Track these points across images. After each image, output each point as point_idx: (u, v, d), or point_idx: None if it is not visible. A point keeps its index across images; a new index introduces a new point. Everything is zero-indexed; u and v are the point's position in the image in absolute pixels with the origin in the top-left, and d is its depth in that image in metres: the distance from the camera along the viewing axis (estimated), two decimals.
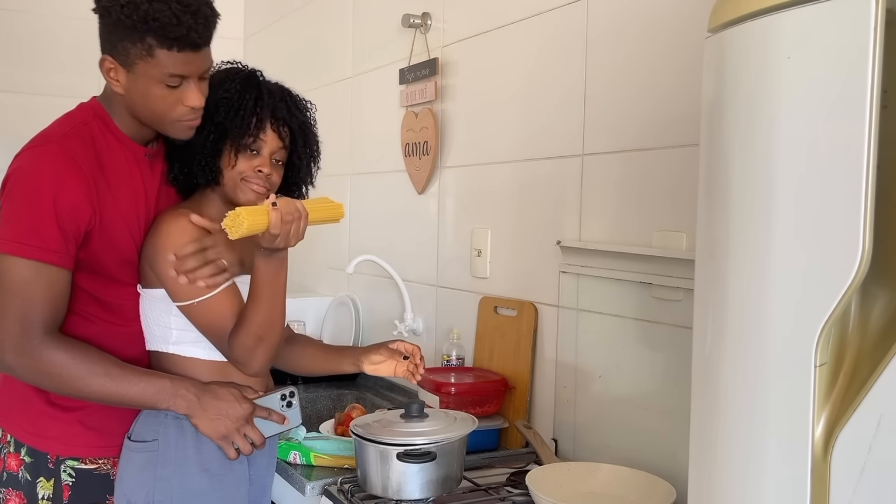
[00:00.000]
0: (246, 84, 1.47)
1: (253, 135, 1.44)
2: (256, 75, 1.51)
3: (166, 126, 1.43)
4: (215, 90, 1.44)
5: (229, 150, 1.44)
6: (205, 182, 1.48)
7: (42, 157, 1.36)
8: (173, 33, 1.31)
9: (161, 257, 1.40)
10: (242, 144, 1.44)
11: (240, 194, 1.47)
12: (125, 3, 1.31)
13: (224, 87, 1.45)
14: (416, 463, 1.45)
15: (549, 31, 1.90)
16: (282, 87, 1.53)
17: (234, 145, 1.44)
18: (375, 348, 1.63)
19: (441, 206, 2.32)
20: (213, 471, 1.45)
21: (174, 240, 1.40)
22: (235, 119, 1.43)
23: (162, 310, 1.45)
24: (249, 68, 1.52)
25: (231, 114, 1.43)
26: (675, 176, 1.57)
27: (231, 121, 1.43)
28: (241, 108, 1.44)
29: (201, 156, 1.45)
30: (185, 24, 1.31)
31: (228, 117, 1.43)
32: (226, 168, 1.45)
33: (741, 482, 0.86)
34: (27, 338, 1.33)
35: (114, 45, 1.35)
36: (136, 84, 1.37)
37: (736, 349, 0.87)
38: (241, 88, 1.45)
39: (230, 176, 1.45)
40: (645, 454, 1.60)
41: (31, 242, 1.32)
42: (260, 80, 1.50)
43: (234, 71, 1.50)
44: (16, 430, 1.47)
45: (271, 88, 1.50)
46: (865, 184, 0.74)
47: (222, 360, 1.46)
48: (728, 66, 0.88)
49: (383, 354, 1.61)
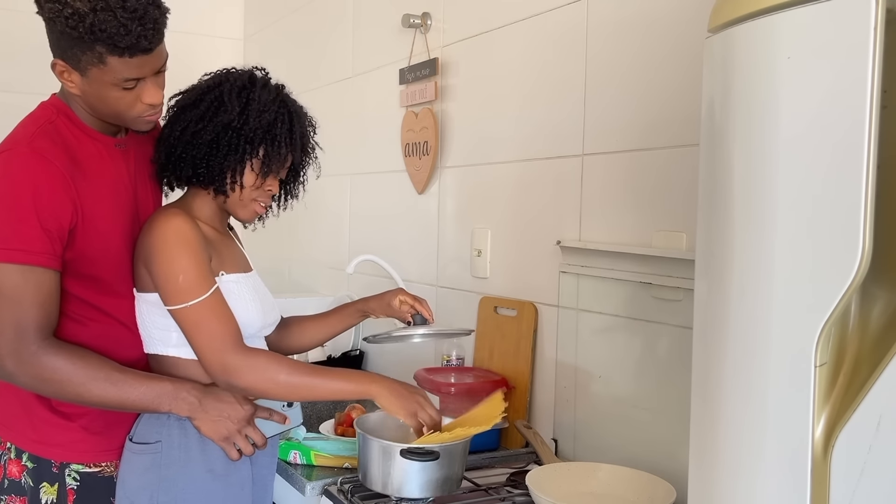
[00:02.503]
0: (280, 110, 1.47)
1: (283, 166, 1.49)
2: (286, 101, 1.50)
3: (127, 122, 1.43)
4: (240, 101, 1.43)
5: (257, 174, 1.46)
6: (216, 192, 1.47)
7: (14, 161, 1.33)
8: (122, 43, 1.27)
9: (158, 258, 1.39)
10: (271, 172, 1.47)
11: (242, 211, 1.50)
12: (69, 14, 1.26)
13: (260, 110, 1.44)
14: (419, 461, 1.45)
15: (549, 31, 1.90)
16: (303, 111, 1.54)
17: (265, 171, 1.47)
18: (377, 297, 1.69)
19: (441, 206, 2.32)
20: (218, 471, 1.45)
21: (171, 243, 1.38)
22: (273, 150, 1.45)
23: (160, 313, 1.43)
24: (273, 81, 1.51)
25: (270, 146, 1.45)
26: (675, 176, 1.57)
27: (273, 153, 1.45)
28: (279, 139, 1.45)
29: (223, 167, 1.44)
30: (134, 32, 1.27)
31: (268, 150, 1.45)
32: (247, 187, 1.47)
33: (741, 482, 0.86)
34: (24, 344, 1.32)
35: (64, 51, 1.32)
36: (90, 87, 1.35)
37: (736, 349, 0.87)
38: (275, 117, 1.45)
39: (246, 194, 1.48)
40: (645, 454, 1.60)
41: (13, 246, 1.30)
42: (290, 106, 1.50)
43: (262, 84, 1.48)
44: (18, 438, 1.46)
45: (300, 115, 1.52)
46: (865, 184, 0.74)
47: None
48: (728, 66, 0.88)
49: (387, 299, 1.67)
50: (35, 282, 1.32)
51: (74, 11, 1.25)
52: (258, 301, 1.51)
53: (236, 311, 1.44)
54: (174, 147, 1.46)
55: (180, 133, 1.45)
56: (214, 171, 1.44)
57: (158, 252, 1.39)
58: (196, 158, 1.44)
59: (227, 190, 1.46)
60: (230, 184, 1.45)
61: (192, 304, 1.38)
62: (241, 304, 1.46)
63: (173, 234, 1.39)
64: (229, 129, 1.42)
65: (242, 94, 1.44)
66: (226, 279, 1.46)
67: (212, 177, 1.45)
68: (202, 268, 1.39)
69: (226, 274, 1.47)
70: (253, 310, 1.49)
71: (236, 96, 1.43)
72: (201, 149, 1.43)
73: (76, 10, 1.25)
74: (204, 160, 1.44)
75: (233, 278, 1.48)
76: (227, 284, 1.45)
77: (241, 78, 1.47)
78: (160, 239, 1.39)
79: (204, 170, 1.45)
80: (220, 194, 1.47)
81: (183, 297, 1.38)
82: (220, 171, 1.44)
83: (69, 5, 1.25)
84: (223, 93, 1.44)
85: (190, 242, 1.39)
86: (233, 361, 1.38)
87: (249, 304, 1.48)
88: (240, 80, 1.46)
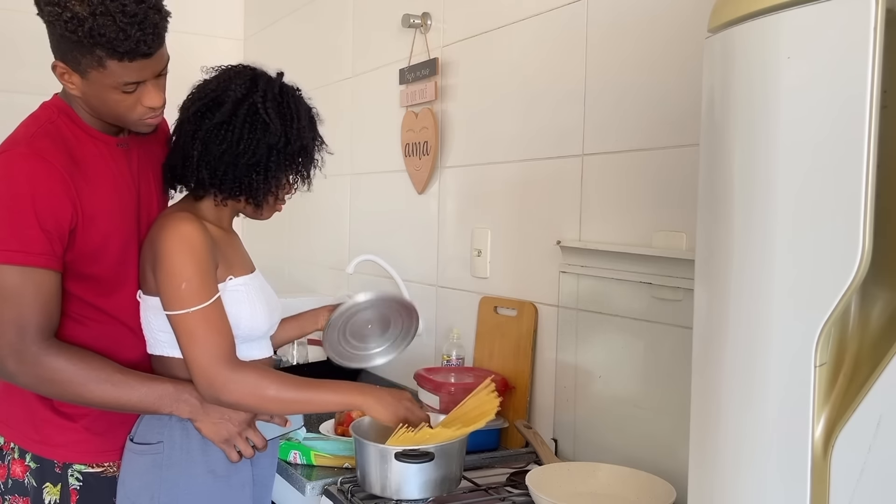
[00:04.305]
0: (311, 122, 1.50)
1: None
2: (308, 107, 1.51)
3: (128, 125, 1.43)
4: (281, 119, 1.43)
5: (293, 185, 1.51)
6: (247, 202, 1.48)
7: (13, 161, 1.33)
8: (121, 47, 1.27)
9: (164, 262, 1.38)
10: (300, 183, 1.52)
11: (268, 213, 1.53)
12: (68, 18, 1.24)
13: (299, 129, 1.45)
14: (414, 463, 1.45)
15: (549, 31, 1.90)
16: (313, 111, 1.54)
17: (301, 182, 1.51)
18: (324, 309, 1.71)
19: (441, 206, 2.32)
20: (219, 472, 1.45)
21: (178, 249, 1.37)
22: (309, 162, 1.49)
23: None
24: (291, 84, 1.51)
25: (306, 158, 1.48)
26: (675, 176, 1.57)
27: (309, 165, 1.50)
28: (314, 152, 1.50)
29: (267, 187, 1.45)
30: (133, 37, 1.26)
31: (305, 163, 1.49)
32: (277, 197, 1.50)
33: (741, 482, 0.86)
34: (25, 344, 1.32)
35: (64, 54, 1.31)
36: (91, 89, 1.34)
37: (736, 349, 0.87)
38: (310, 132, 1.49)
39: (274, 201, 1.50)
40: (645, 454, 1.60)
41: (13, 248, 1.30)
42: (311, 111, 1.52)
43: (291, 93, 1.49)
44: (21, 438, 1.46)
45: (316, 118, 1.54)
46: (865, 184, 0.74)
47: None
48: (728, 67, 0.88)
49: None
50: (35, 283, 1.32)
51: (73, 15, 1.25)
52: (265, 303, 1.51)
53: (245, 315, 1.44)
54: (212, 165, 1.42)
55: (220, 153, 1.41)
56: (257, 189, 1.45)
57: (165, 257, 1.38)
58: (238, 177, 1.43)
59: (262, 202, 1.48)
60: (269, 198, 1.48)
61: (190, 311, 1.37)
62: (249, 308, 1.46)
63: (181, 241, 1.37)
64: (274, 149, 1.43)
65: (281, 109, 1.44)
66: (234, 283, 1.45)
67: (252, 194, 1.45)
68: (206, 277, 1.39)
69: (234, 278, 1.45)
70: (261, 313, 1.48)
71: (275, 113, 1.42)
72: (242, 169, 1.42)
73: (75, 13, 1.25)
74: (246, 179, 1.43)
75: (241, 281, 1.47)
76: (236, 288, 1.45)
77: (271, 88, 1.45)
78: (167, 244, 1.38)
79: (246, 188, 1.44)
80: (250, 205, 1.49)
81: (182, 304, 1.37)
82: (265, 189, 1.46)
83: (68, 9, 1.25)
84: (257, 107, 1.41)
85: (197, 250, 1.38)
86: (221, 376, 1.36)
87: (257, 306, 1.48)
88: (270, 92, 1.44)
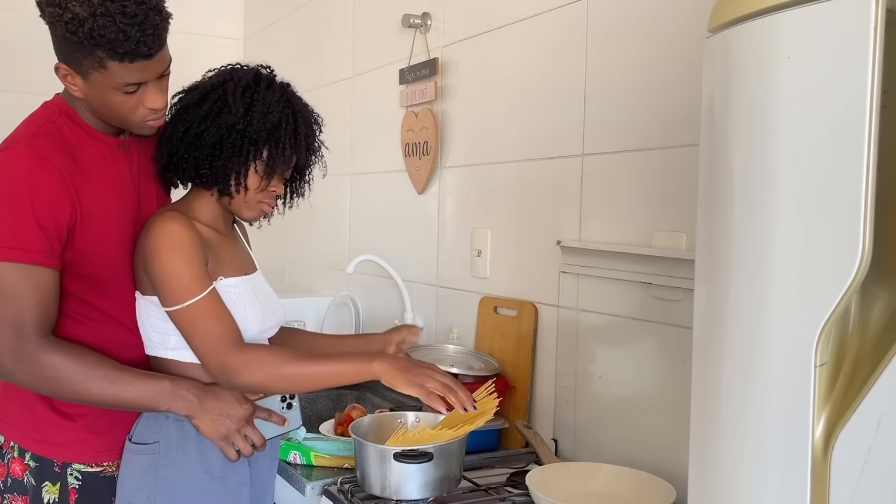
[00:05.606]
0: (284, 110, 1.44)
1: (288, 167, 1.47)
2: (292, 100, 1.47)
3: (130, 126, 1.43)
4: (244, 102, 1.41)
5: (262, 176, 1.45)
6: (220, 193, 1.47)
7: (12, 159, 1.33)
8: (122, 48, 1.27)
9: (154, 260, 1.38)
10: (275, 174, 1.45)
11: (247, 212, 1.50)
12: (69, 19, 1.25)
13: (264, 112, 1.42)
14: (413, 463, 1.45)
15: (549, 31, 1.90)
16: (308, 109, 1.52)
17: (269, 173, 1.45)
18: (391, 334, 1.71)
19: (441, 206, 2.32)
20: (215, 472, 1.45)
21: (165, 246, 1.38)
22: (277, 152, 1.43)
23: (158, 315, 1.43)
24: (279, 80, 1.49)
25: (274, 148, 1.43)
26: (675, 176, 1.57)
27: (277, 156, 1.43)
28: (284, 140, 1.43)
29: (227, 170, 1.43)
30: (133, 38, 1.26)
31: (272, 152, 1.43)
32: (251, 189, 1.45)
33: (741, 482, 0.86)
34: (22, 342, 1.32)
35: (66, 55, 1.32)
36: (93, 91, 1.35)
37: (736, 349, 0.87)
38: (279, 119, 1.43)
39: (250, 195, 1.46)
40: (645, 454, 1.60)
41: (11, 245, 1.30)
42: (295, 105, 1.47)
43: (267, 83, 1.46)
44: (20, 437, 1.46)
45: (305, 115, 1.49)
46: (865, 183, 0.74)
47: None
48: (728, 66, 0.88)
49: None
50: (33, 280, 1.32)
51: (74, 16, 1.25)
52: (257, 305, 1.50)
53: (234, 315, 1.44)
54: (177, 148, 1.44)
55: (183, 133, 1.43)
56: (218, 173, 1.43)
57: (153, 255, 1.38)
58: (199, 160, 1.43)
59: (232, 192, 1.45)
60: (234, 186, 1.44)
61: (186, 305, 1.38)
62: (238, 309, 1.45)
63: (167, 238, 1.38)
64: (233, 130, 1.41)
65: (246, 94, 1.42)
66: (223, 284, 1.45)
67: (215, 179, 1.44)
68: (196, 270, 1.39)
69: (223, 279, 1.45)
70: (251, 314, 1.48)
71: (240, 96, 1.42)
72: (204, 150, 1.42)
73: (76, 14, 1.25)
74: (207, 162, 1.43)
75: (230, 283, 1.46)
76: (225, 290, 1.44)
77: (245, 77, 1.45)
78: (155, 242, 1.39)
79: (207, 172, 1.43)
80: (224, 196, 1.47)
81: (178, 299, 1.38)
82: (224, 173, 1.43)
83: (69, 10, 1.25)
84: (227, 92, 1.42)
85: (184, 245, 1.38)
86: (231, 360, 1.37)
87: (247, 308, 1.47)
88: (244, 80, 1.44)
